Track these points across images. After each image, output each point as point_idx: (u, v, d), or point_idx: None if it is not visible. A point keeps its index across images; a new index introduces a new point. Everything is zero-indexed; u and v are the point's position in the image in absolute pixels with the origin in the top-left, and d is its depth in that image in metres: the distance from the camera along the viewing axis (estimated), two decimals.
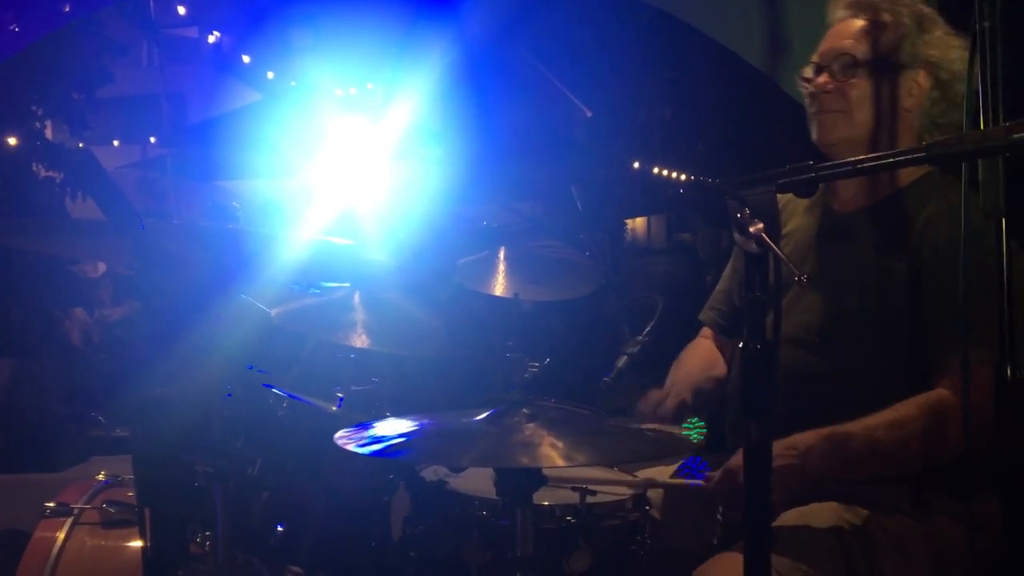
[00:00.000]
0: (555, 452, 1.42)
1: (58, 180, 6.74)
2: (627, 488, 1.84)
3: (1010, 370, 1.19)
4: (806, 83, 1.90)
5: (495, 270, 2.40)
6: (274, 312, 2.08)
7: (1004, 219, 1.18)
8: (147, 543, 1.81)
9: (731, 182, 1.23)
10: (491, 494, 1.62)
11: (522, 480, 1.51)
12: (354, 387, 2.21)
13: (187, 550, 1.89)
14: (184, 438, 1.82)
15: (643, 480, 1.91)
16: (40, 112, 6.86)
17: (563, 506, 1.73)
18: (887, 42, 1.84)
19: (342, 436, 1.54)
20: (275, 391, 1.96)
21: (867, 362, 1.77)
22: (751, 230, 1.21)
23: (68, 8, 5.26)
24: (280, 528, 1.90)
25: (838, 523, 1.71)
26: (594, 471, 1.91)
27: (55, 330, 6.35)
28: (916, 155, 1.21)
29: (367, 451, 1.47)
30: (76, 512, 2.13)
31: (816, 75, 1.88)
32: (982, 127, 1.20)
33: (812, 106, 1.90)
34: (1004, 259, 1.17)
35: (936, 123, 1.85)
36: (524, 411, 1.54)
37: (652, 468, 1.99)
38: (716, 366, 2.12)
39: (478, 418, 1.57)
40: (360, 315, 2.15)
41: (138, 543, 1.97)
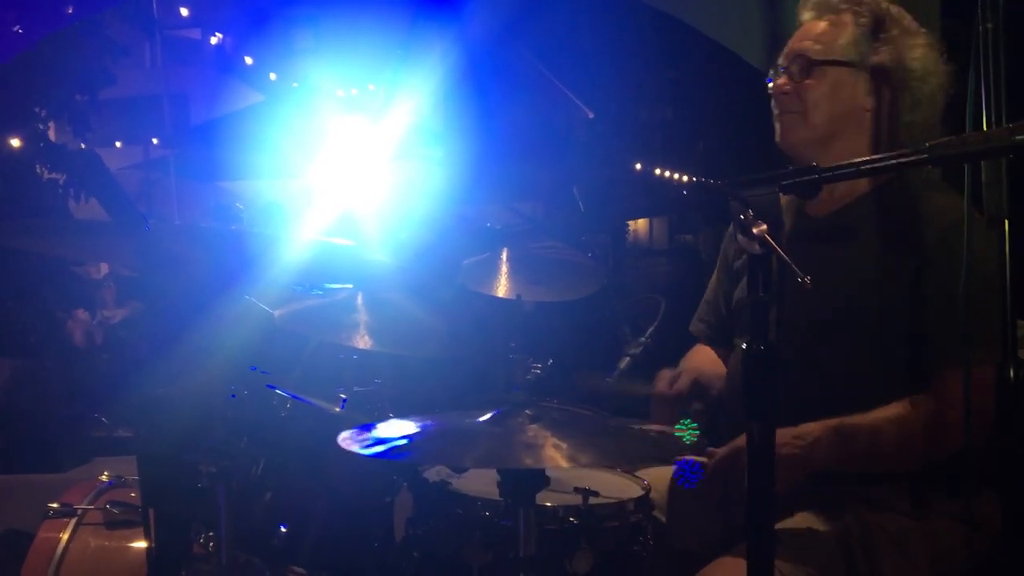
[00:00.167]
0: (558, 453, 1.42)
1: (61, 181, 6.73)
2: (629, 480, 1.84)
3: (1012, 371, 1.19)
4: (769, 85, 1.90)
5: (497, 271, 2.40)
6: (277, 313, 2.08)
7: (1007, 220, 1.18)
8: (151, 543, 1.81)
9: (734, 183, 1.23)
10: (494, 495, 1.62)
11: (525, 481, 1.52)
12: (357, 388, 2.21)
13: (190, 550, 1.90)
14: (187, 439, 1.82)
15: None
16: (43, 113, 6.85)
17: (566, 507, 1.73)
18: (844, 43, 1.84)
19: (346, 437, 1.55)
20: (278, 392, 1.96)
21: (851, 362, 1.76)
22: (754, 231, 1.21)
23: (71, 9, 5.26)
24: (283, 528, 1.90)
25: (839, 525, 1.71)
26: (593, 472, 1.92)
27: (58, 331, 6.36)
28: (919, 156, 1.21)
29: (370, 452, 1.48)
30: (80, 513, 2.13)
31: (777, 77, 1.89)
32: (984, 128, 1.20)
33: (775, 108, 1.91)
34: (1007, 262, 1.17)
35: (902, 123, 1.84)
36: (527, 412, 1.55)
37: (652, 469, 2.00)
38: (720, 366, 2.13)
39: (481, 419, 1.57)
40: (363, 316, 2.15)
41: (141, 544, 1.98)
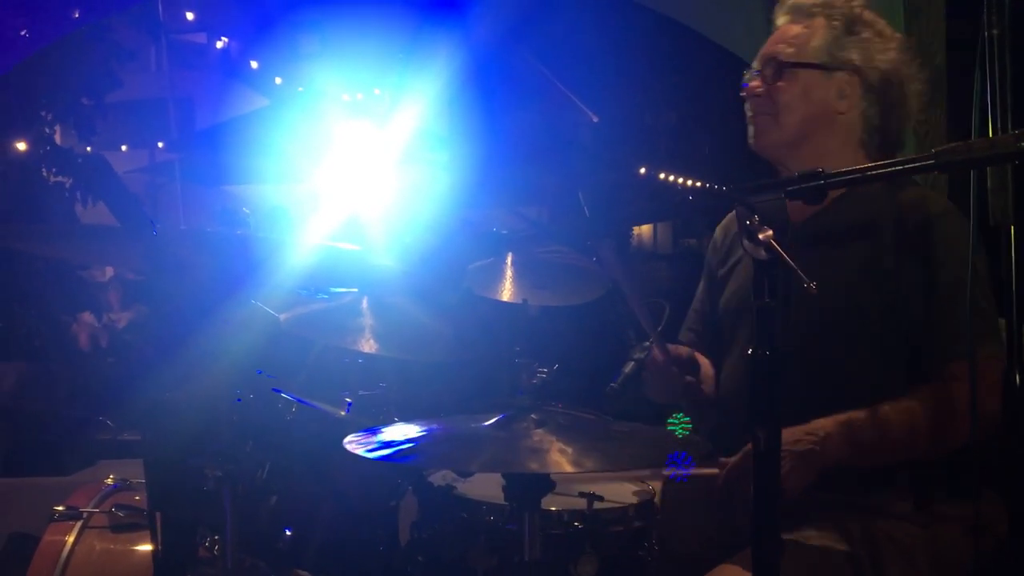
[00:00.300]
0: (564, 458, 1.42)
1: (67, 185, 6.76)
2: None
3: (1019, 377, 1.19)
4: (743, 88, 1.90)
5: (503, 275, 2.40)
6: (283, 317, 2.08)
7: (1013, 227, 1.18)
8: (157, 547, 1.81)
9: (740, 189, 1.23)
10: (499, 499, 1.62)
11: (530, 485, 1.52)
12: (362, 392, 2.21)
13: (196, 554, 1.90)
14: (193, 442, 1.82)
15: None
16: (49, 117, 6.88)
17: (570, 512, 1.73)
18: (815, 46, 1.83)
19: (351, 441, 1.55)
20: (284, 396, 1.97)
21: (850, 363, 1.75)
22: (760, 237, 1.21)
23: (77, 14, 5.28)
24: (288, 532, 1.90)
25: (844, 535, 1.71)
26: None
27: (63, 334, 6.37)
28: (925, 163, 1.20)
29: (375, 456, 1.48)
30: (85, 516, 2.13)
31: (751, 80, 1.89)
32: (990, 134, 1.20)
33: (748, 111, 1.91)
34: (1014, 267, 1.17)
35: (875, 126, 1.83)
36: (532, 416, 1.55)
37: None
38: (709, 369, 2.12)
39: (487, 423, 1.57)
40: (368, 320, 2.16)
41: (147, 547, 1.98)
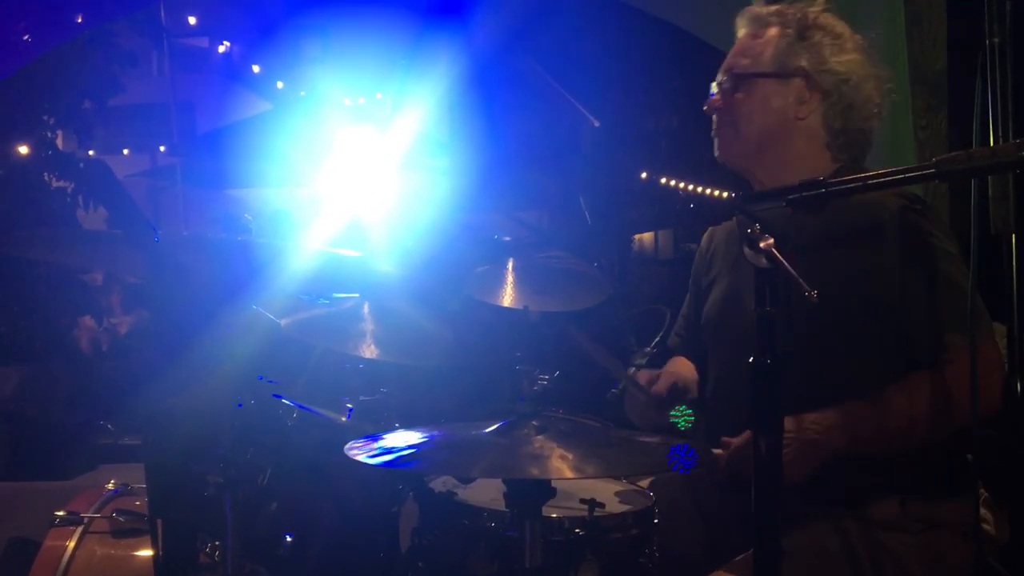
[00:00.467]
0: (565, 464, 1.42)
1: (69, 190, 6.76)
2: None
3: (1020, 385, 1.19)
4: (705, 102, 1.91)
5: (504, 281, 2.40)
6: (284, 322, 2.08)
7: (1014, 236, 1.18)
8: (158, 552, 1.81)
9: (742, 197, 1.24)
10: (500, 505, 1.62)
11: (531, 492, 1.52)
12: (363, 397, 2.21)
13: (197, 560, 1.90)
14: (194, 448, 1.82)
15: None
16: (51, 121, 6.88)
17: (571, 518, 1.73)
18: (769, 55, 1.84)
19: (352, 446, 1.55)
20: (285, 401, 1.97)
21: (850, 363, 1.75)
22: (761, 245, 1.21)
23: (80, 18, 5.29)
24: (289, 538, 1.90)
25: (842, 541, 1.70)
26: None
27: (64, 338, 6.37)
28: (926, 171, 1.21)
29: (376, 462, 1.48)
30: (86, 521, 2.13)
31: (713, 93, 1.89)
32: (991, 143, 1.20)
33: (712, 124, 1.92)
34: (1015, 276, 1.17)
35: (837, 128, 1.83)
36: (533, 423, 1.55)
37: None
38: (695, 373, 2.12)
39: (488, 429, 1.57)
40: (369, 325, 2.16)
41: (147, 552, 1.98)
